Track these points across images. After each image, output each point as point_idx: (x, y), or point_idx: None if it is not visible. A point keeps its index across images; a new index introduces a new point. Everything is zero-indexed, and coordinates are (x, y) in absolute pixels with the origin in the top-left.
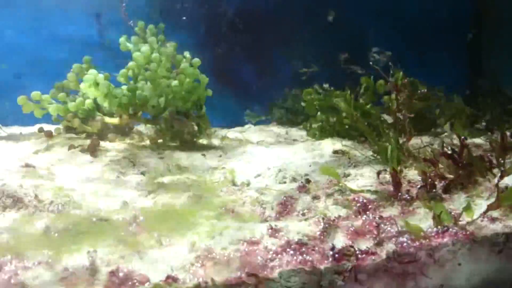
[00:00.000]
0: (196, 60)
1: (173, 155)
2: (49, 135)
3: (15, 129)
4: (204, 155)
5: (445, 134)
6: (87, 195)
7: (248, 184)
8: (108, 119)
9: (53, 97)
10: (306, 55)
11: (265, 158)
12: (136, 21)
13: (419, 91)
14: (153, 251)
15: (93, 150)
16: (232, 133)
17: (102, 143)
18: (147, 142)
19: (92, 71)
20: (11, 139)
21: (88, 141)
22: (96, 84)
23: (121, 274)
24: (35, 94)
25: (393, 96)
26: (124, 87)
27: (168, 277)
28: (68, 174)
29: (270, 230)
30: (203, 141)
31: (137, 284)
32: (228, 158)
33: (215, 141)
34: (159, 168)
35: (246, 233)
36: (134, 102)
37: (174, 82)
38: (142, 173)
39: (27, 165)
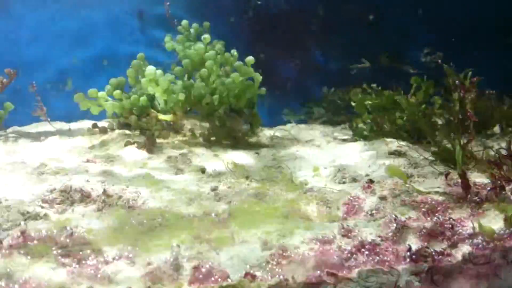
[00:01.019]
0: (250, 58)
1: (227, 153)
2: (103, 131)
3: (60, 125)
4: (257, 153)
5: (496, 136)
6: (155, 191)
7: (306, 184)
8: (162, 116)
9: (108, 94)
10: (346, 54)
11: (319, 157)
12: (178, 20)
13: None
14: (227, 248)
15: (150, 147)
16: (278, 132)
17: (156, 140)
18: (200, 139)
19: (151, 67)
20: (64, 135)
21: (142, 138)
22: (156, 80)
23: (203, 270)
24: (92, 91)
25: (456, 95)
26: (179, 84)
27: (246, 274)
28: (129, 170)
29: (342, 230)
30: (253, 139)
31: (219, 280)
32: (282, 157)
33: (265, 140)
34: (216, 166)
35: (317, 232)
36: (189, 99)
37: (228, 80)
38: (202, 170)
39: (88, 161)
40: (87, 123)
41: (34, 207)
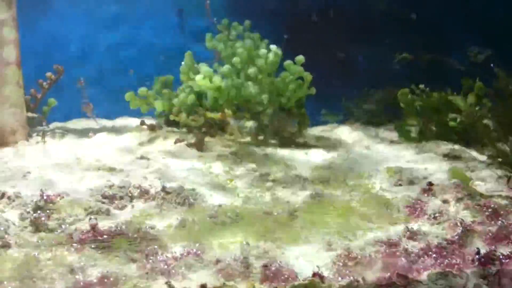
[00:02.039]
0: (300, 58)
1: (276, 152)
2: (151, 128)
3: (103, 122)
4: (306, 154)
5: None
6: (211, 189)
7: (361, 185)
8: (210, 114)
9: (156, 92)
10: (386, 54)
11: (370, 159)
12: (219, 19)
13: None
14: (292, 247)
15: (200, 145)
16: (323, 132)
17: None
18: (247, 138)
19: (203, 65)
20: (110, 131)
21: (190, 136)
22: (210, 77)
23: (273, 269)
24: (142, 90)
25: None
26: (230, 82)
27: (314, 274)
28: (181, 167)
29: (408, 233)
30: (300, 139)
31: (289, 279)
32: (333, 157)
33: (311, 140)
34: (268, 165)
35: (380, 234)
36: (239, 98)
37: (278, 79)
38: (254, 170)
39: (142, 157)
40: (128, 120)
41: (95, 203)
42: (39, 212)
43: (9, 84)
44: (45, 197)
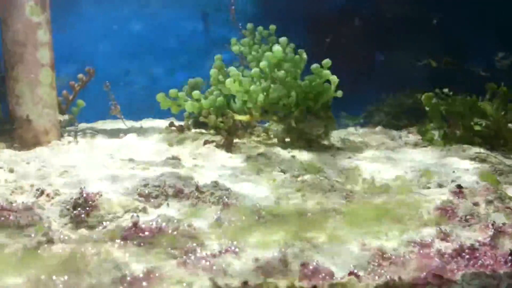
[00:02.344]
0: (327, 61)
1: (303, 154)
2: (180, 129)
3: (129, 123)
4: (333, 156)
5: None
6: (243, 189)
7: (389, 187)
8: (238, 117)
9: (186, 94)
10: (406, 58)
11: (396, 161)
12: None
13: None
14: (326, 246)
15: (229, 146)
16: (344, 135)
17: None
18: (274, 140)
19: (233, 68)
20: (139, 132)
21: (218, 137)
22: (239, 80)
23: (311, 267)
24: (173, 91)
25: None
26: (259, 85)
27: (350, 273)
28: (213, 167)
29: (441, 234)
30: (325, 142)
31: (327, 277)
32: (359, 160)
33: (336, 142)
34: (296, 167)
35: (412, 235)
36: (267, 101)
37: (305, 82)
38: (283, 171)
39: (173, 158)
40: (155, 122)
41: (132, 201)
42: (79, 209)
43: (43, 85)
44: (84, 195)
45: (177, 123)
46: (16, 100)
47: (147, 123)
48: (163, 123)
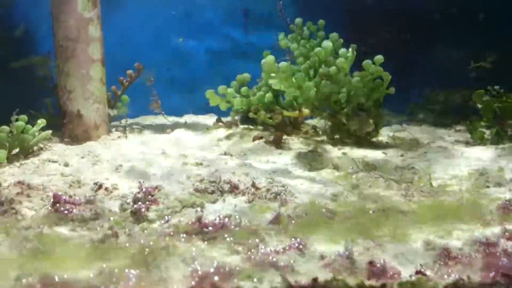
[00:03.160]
0: (379, 57)
1: (354, 151)
2: (228, 125)
3: (170, 119)
4: (385, 153)
5: None
6: (298, 185)
7: (446, 186)
8: (286, 113)
9: (235, 90)
10: (450, 55)
11: (450, 160)
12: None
13: None
14: (390, 245)
15: (279, 142)
16: (392, 132)
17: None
18: (323, 137)
19: (284, 63)
20: (188, 128)
21: (266, 133)
22: (291, 76)
23: (378, 266)
24: (222, 88)
25: None
26: (311, 81)
27: (417, 271)
28: (264, 164)
29: (506, 233)
30: (374, 139)
31: (395, 276)
32: (412, 158)
33: (386, 140)
34: (348, 164)
35: (477, 234)
36: (318, 97)
37: (356, 79)
38: (335, 168)
39: (225, 153)
40: (198, 118)
41: (189, 196)
42: (139, 203)
43: (93, 80)
44: (143, 189)
45: (224, 119)
46: (67, 95)
47: (189, 118)
48: (205, 118)
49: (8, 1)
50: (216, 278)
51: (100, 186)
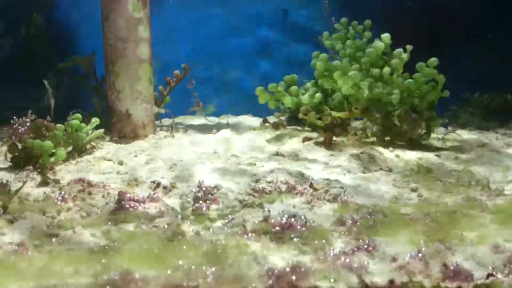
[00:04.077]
0: (434, 60)
1: (407, 154)
2: (275, 126)
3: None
4: (438, 156)
5: None
6: (355, 187)
7: (504, 190)
8: (335, 113)
9: (284, 89)
10: (491, 57)
11: (503, 162)
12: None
13: None
14: (458, 248)
15: (329, 143)
16: (440, 135)
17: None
18: (372, 138)
19: (338, 62)
20: (232, 128)
21: (315, 134)
22: (346, 74)
23: (452, 268)
24: (272, 85)
25: None
26: (366, 81)
27: (489, 275)
28: (317, 165)
29: None
30: (425, 141)
31: (469, 278)
32: (467, 161)
33: (436, 142)
34: (402, 166)
35: None
36: (370, 97)
37: (409, 80)
38: (390, 170)
39: (277, 154)
40: (238, 118)
41: (247, 196)
42: (200, 202)
43: (142, 80)
44: (203, 188)
45: (253, 119)
46: (116, 95)
47: (229, 119)
48: (244, 119)
49: (51, 3)
50: (293, 277)
51: (158, 185)
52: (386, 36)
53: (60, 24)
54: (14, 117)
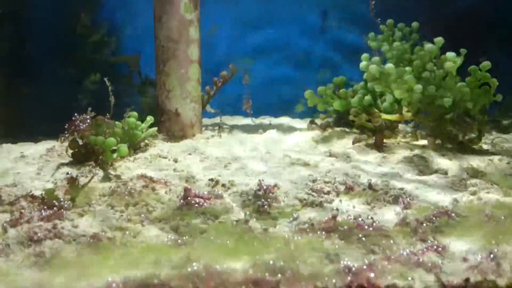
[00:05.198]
0: (487, 63)
1: (459, 157)
2: (323, 127)
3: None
4: (490, 160)
5: None
6: (413, 188)
7: None
8: (385, 116)
9: (333, 91)
10: None
11: None
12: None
13: None
14: None
15: (380, 145)
16: (487, 139)
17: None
18: (422, 141)
19: (391, 65)
20: (279, 129)
21: (364, 136)
22: (400, 77)
23: None
24: (321, 89)
25: None
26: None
27: None
28: (371, 166)
29: None
30: (476, 146)
31: None
32: None
33: (486, 146)
34: (457, 169)
35: None
36: (422, 100)
37: (462, 84)
38: (445, 173)
39: (330, 155)
40: (279, 120)
41: (307, 195)
42: (262, 200)
43: (191, 80)
44: (264, 187)
45: (294, 120)
46: (166, 94)
47: (268, 120)
48: (285, 120)
49: (97, 4)
50: (372, 275)
51: (216, 182)
52: (439, 39)
53: (106, 24)
54: (76, 114)
